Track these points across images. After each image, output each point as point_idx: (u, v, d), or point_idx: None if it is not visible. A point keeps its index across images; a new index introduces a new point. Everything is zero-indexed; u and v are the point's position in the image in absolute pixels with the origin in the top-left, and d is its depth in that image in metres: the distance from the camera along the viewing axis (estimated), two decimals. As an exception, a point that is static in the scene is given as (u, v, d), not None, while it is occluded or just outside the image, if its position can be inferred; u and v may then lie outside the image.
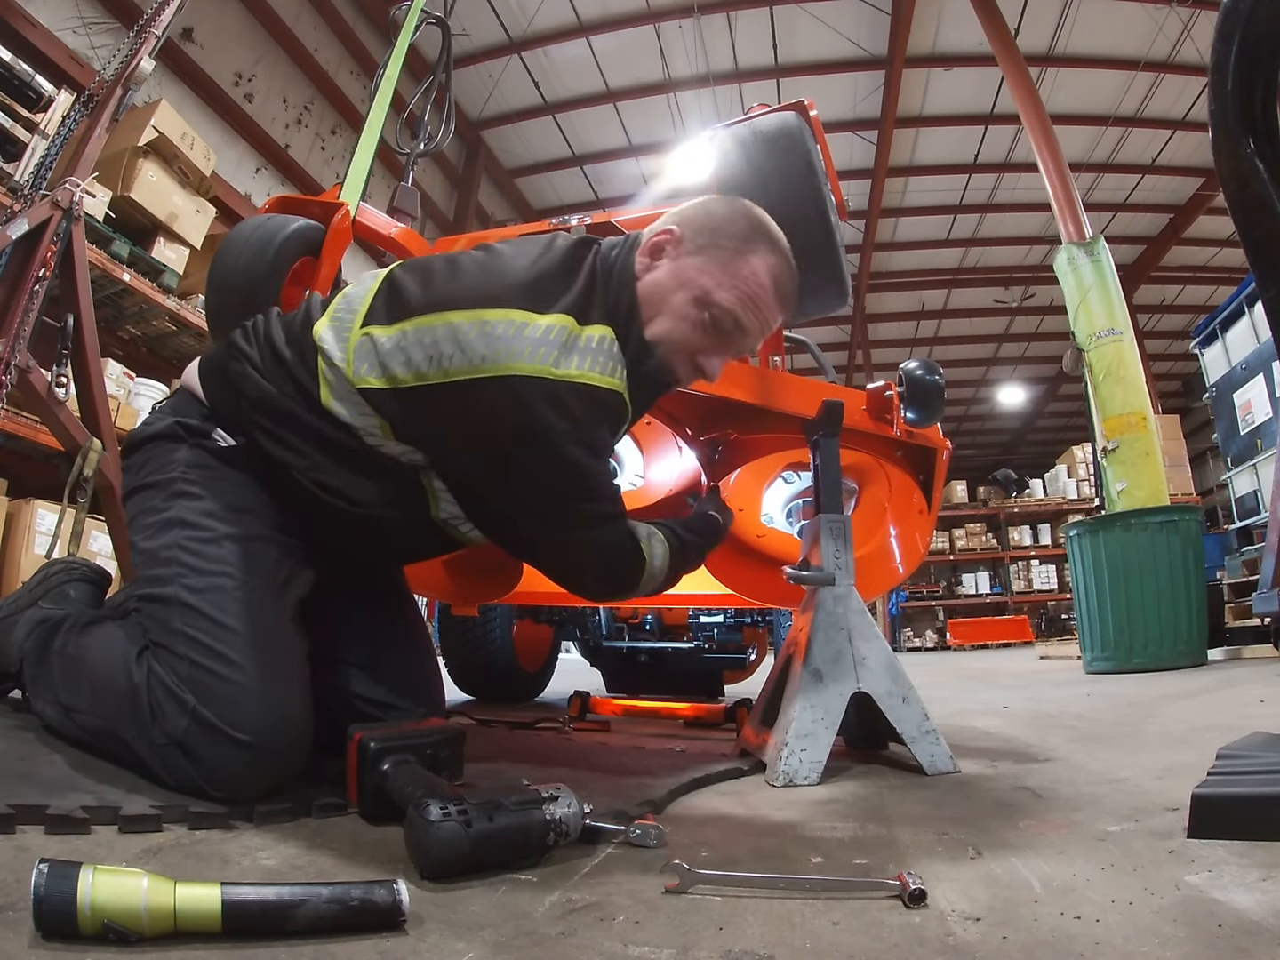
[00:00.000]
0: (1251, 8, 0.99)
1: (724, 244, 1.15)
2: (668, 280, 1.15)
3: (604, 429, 1.13)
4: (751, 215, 1.19)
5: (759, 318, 1.16)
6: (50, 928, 0.60)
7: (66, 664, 1.14)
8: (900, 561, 2.06)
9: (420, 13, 2.42)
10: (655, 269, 1.16)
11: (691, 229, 1.16)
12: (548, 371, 1.03)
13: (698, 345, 1.16)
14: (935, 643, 12.98)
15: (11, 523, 3.12)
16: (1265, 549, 3.54)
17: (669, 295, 1.14)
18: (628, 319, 1.14)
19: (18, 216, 2.78)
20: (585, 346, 1.07)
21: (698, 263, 1.14)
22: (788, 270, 1.19)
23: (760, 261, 1.15)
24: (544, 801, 0.90)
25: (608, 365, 1.08)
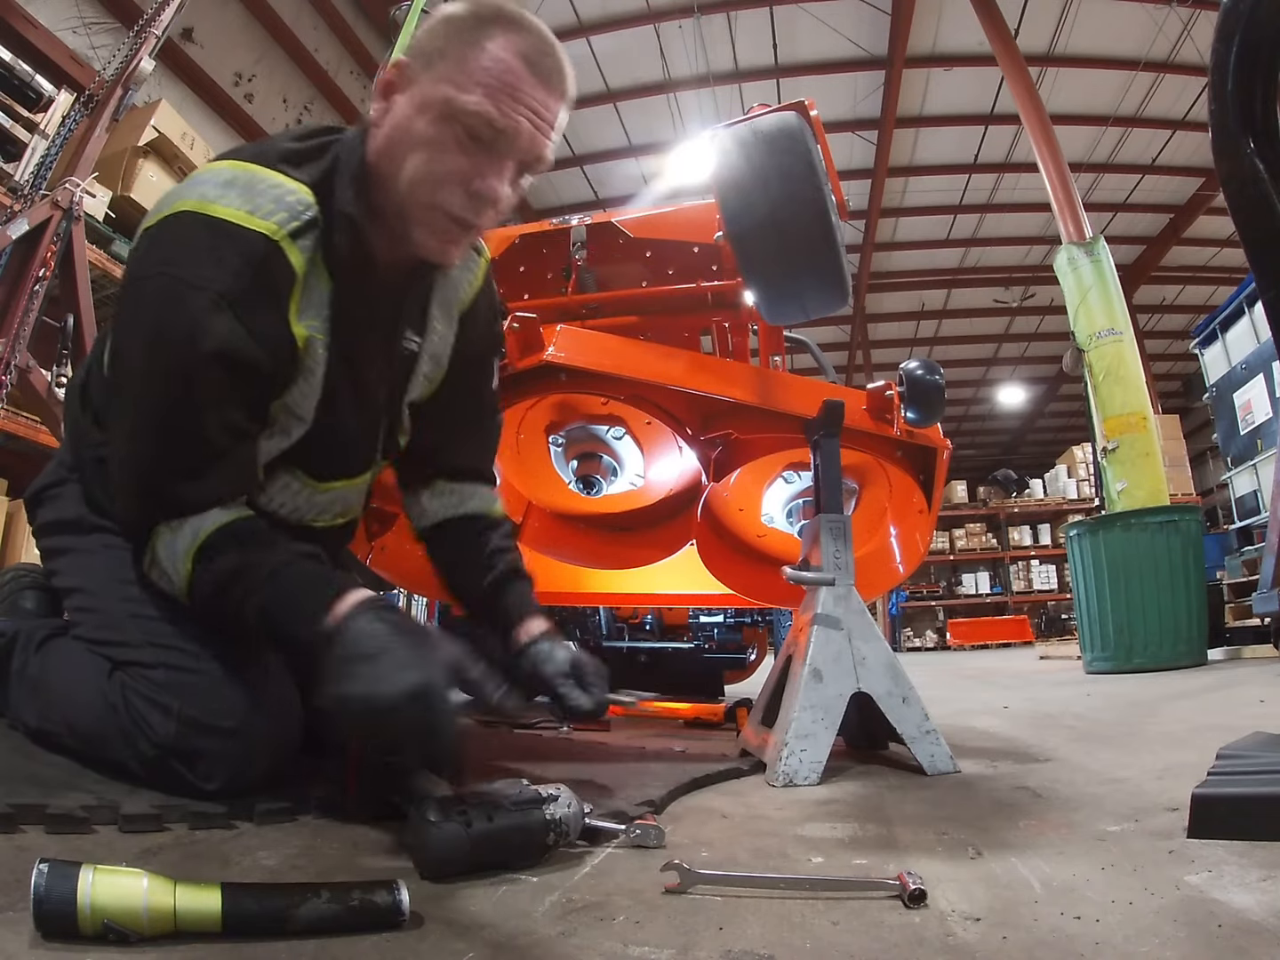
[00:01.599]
0: (1251, 8, 0.99)
1: (451, 46, 0.98)
2: (405, 111, 1.00)
3: (239, 276, 0.95)
4: (478, 6, 1.01)
5: (519, 106, 0.97)
6: (50, 928, 0.60)
7: (31, 687, 1.09)
8: (900, 561, 2.06)
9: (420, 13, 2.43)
10: (391, 108, 1.01)
11: (415, 49, 1.02)
12: (197, 205, 0.95)
13: (463, 169, 0.98)
14: (935, 643, 12.98)
15: (11, 523, 3.12)
16: (1265, 549, 3.55)
17: (410, 127, 0.99)
18: (344, 175, 1.02)
19: (18, 216, 2.78)
20: (252, 186, 0.98)
21: (430, 76, 0.98)
22: (538, 43, 0.99)
23: (500, 44, 0.97)
24: (544, 801, 0.89)
25: (272, 210, 0.97)
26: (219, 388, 0.97)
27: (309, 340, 1.04)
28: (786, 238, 1.65)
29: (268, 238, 0.96)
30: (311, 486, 1.18)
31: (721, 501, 2.05)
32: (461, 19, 0.99)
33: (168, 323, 0.95)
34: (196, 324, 0.94)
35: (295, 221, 0.98)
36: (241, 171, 0.99)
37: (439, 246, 1.04)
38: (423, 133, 0.98)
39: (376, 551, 2.06)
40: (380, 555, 2.08)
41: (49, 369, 2.93)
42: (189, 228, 0.96)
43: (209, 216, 0.95)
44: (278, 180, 0.99)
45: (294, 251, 0.98)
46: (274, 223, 0.97)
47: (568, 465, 1.89)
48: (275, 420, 1.07)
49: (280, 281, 0.99)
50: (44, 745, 1.06)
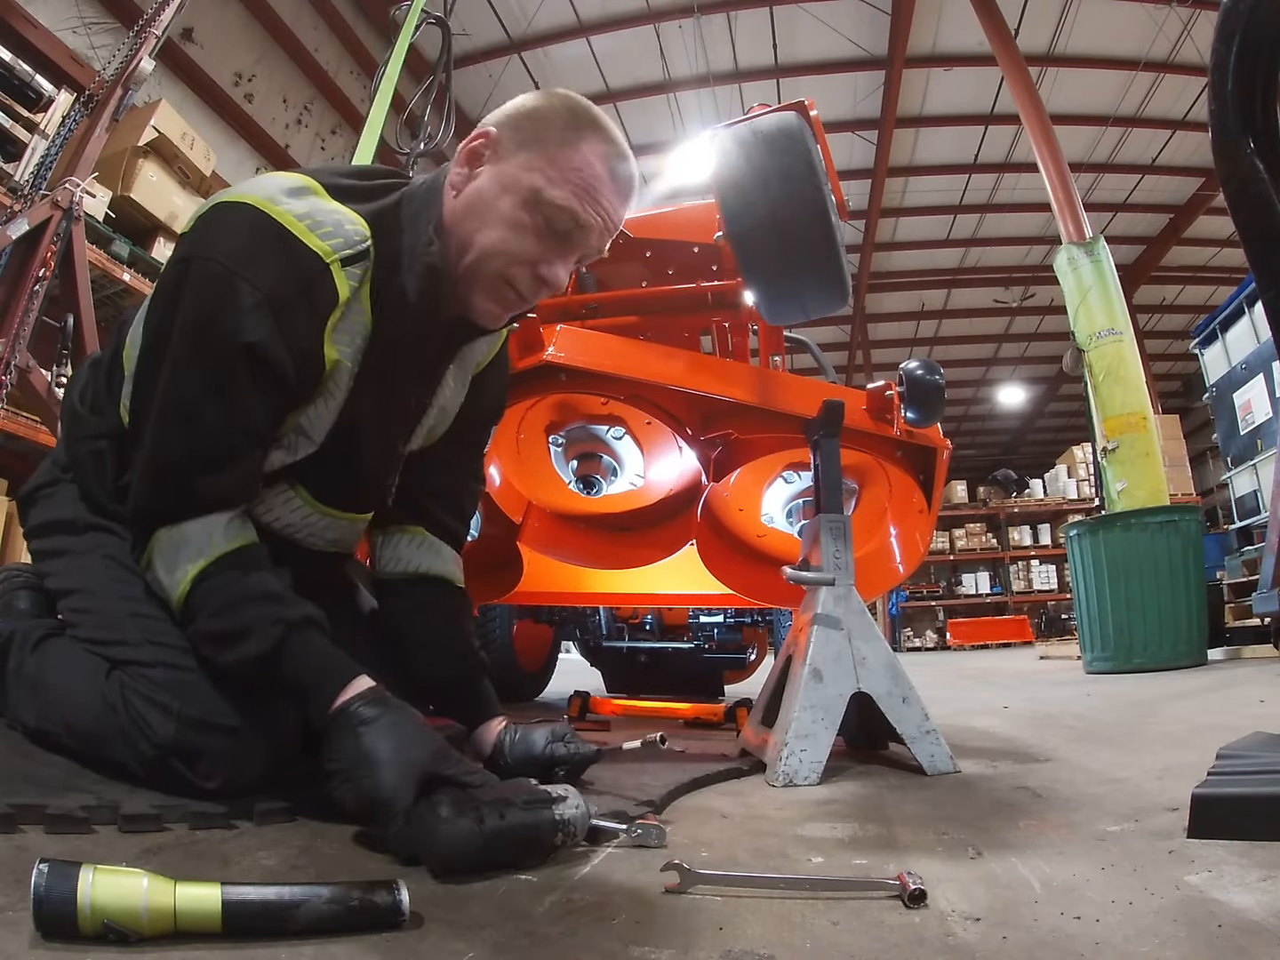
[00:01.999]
0: (1251, 8, 0.99)
1: (548, 136, 1.03)
2: (490, 186, 1.04)
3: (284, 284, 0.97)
4: (572, 102, 1.08)
5: (598, 211, 1.05)
6: (50, 928, 0.60)
7: (28, 688, 1.09)
8: (900, 561, 2.06)
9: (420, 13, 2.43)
10: (476, 178, 1.05)
11: (510, 127, 1.05)
12: (263, 203, 0.97)
13: (536, 253, 1.04)
14: (935, 643, 12.98)
15: (11, 523, 3.12)
16: (1265, 549, 3.55)
17: (494, 202, 1.03)
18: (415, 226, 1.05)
19: (18, 216, 2.78)
20: (317, 205, 1.00)
21: (521, 160, 1.03)
22: (621, 156, 1.07)
23: (591, 149, 1.04)
24: (553, 801, 0.89)
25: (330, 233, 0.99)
26: (247, 385, 0.98)
27: (337, 364, 1.05)
28: (786, 238, 1.65)
29: (321, 258, 0.98)
30: (312, 507, 1.19)
31: (721, 501, 2.05)
32: (560, 117, 1.05)
33: (212, 309, 0.96)
34: (240, 316, 0.95)
35: (349, 249, 1.00)
36: (308, 186, 1.02)
37: (494, 314, 1.10)
38: (507, 212, 1.03)
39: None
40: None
41: (49, 369, 2.93)
42: (250, 222, 0.97)
43: (272, 218, 0.97)
44: (338, 206, 1.02)
45: (341, 278, 1.00)
46: (330, 246, 0.99)
47: (568, 465, 1.89)
48: (285, 435, 1.09)
49: (323, 302, 1.01)
50: (43, 745, 1.06)
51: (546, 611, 2.97)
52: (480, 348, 1.29)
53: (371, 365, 1.09)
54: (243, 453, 1.02)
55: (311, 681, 0.96)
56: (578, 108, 1.07)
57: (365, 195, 1.06)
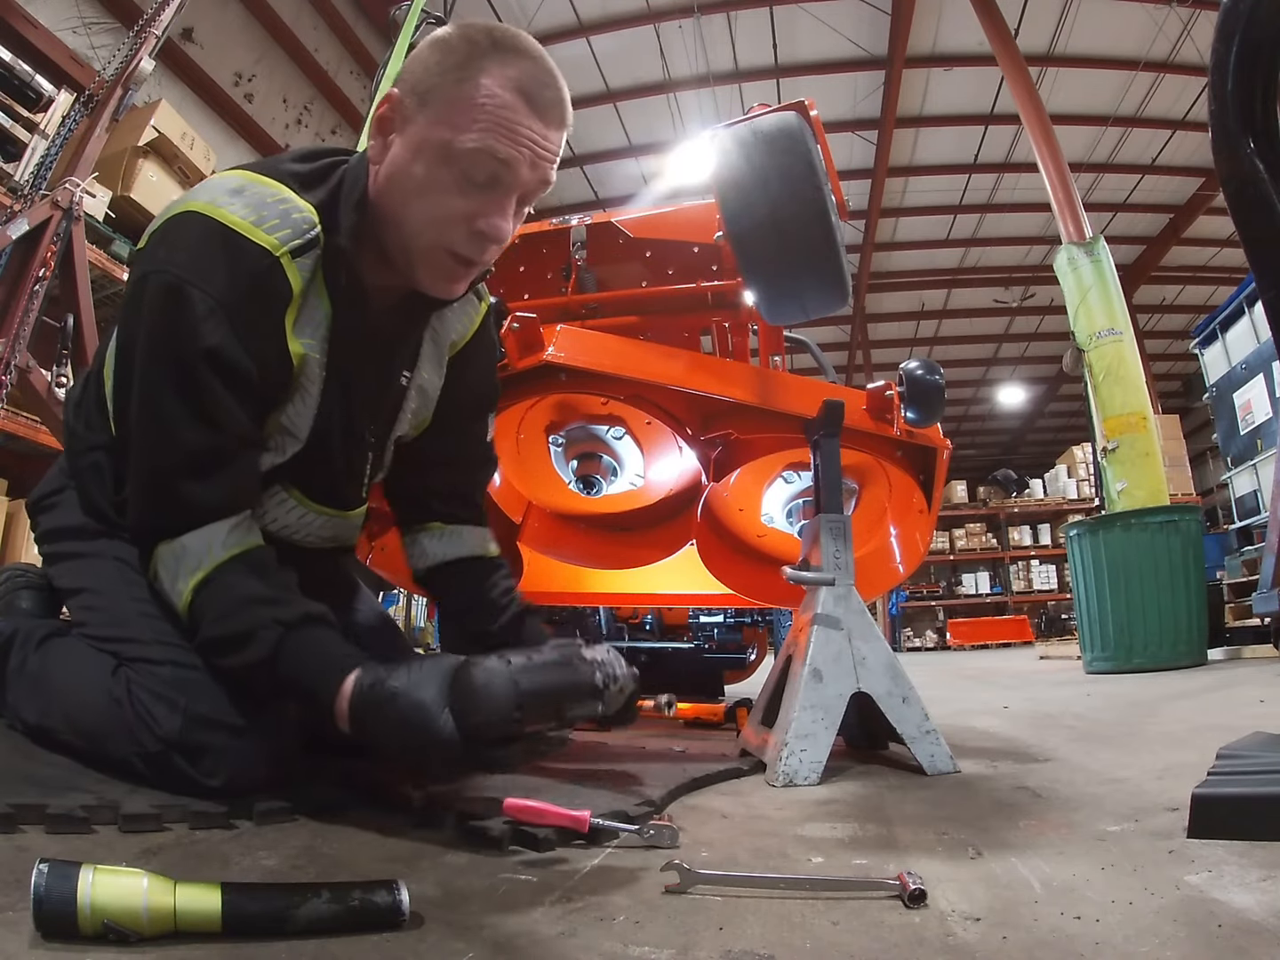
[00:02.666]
0: (1251, 8, 0.99)
1: (444, 80, 0.96)
2: (403, 154, 0.99)
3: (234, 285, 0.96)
4: (469, 31, 0.98)
5: (517, 141, 0.95)
6: (50, 928, 0.60)
7: (30, 684, 1.09)
8: (900, 561, 2.06)
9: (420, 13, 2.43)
10: (390, 146, 1.00)
11: (409, 85, 0.99)
12: (206, 207, 0.97)
13: (466, 210, 0.98)
14: (935, 643, 12.98)
15: (11, 523, 3.12)
16: (1265, 549, 3.55)
17: (409, 169, 0.98)
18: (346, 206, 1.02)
19: (18, 216, 2.78)
20: (262, 199, 0.99)
21: (426, 117, 0.97)
22: (534, 71, 0.97)
23: (493, 78, 0.95)
24: (580, 645, 0.89)
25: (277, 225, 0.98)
26: (215, 389, 0.98)
27: (305, 358, 1.05)
28: (786, 238, 1.65)
29: (269, 252, 0.97)
30: (306, 506, 1.20)
31: (721, 501, 2.05)
32: (454, 49, 0.97)
33: (169, 321, 0.96)
34: (196, 324, 0.95)
35: (298, 239, 0.99)
36: (251, 181, 1.01)
37: (444, 285, 1.06)
38: (422, 177, 0.97)
39: (376, 552, 2.06)
40: (380, 555, 2.08)
41: (49, 369, 2.93)
42: (194, 229, 0.97)
43: (215, 221, 0.96)
44: (286, 195, 1.00)
45: (292, 269, 1.00)
46: (277, 238, 0.98)
47: (568, 465, 1.89)
48: (271, 436, 1.09)
49: (276, 297, 1.00)
50: (43, 743, 1.06)
51: (546, 611, 2.97)
52: (453, 324, 1.25)
53: (337, 353, 1.09)
54: (228, 458, 1.01)
55: (312, 682, 0.96)
56: (473, 34, 0.97)
57: (313, 179, 1.05)
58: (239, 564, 1.00)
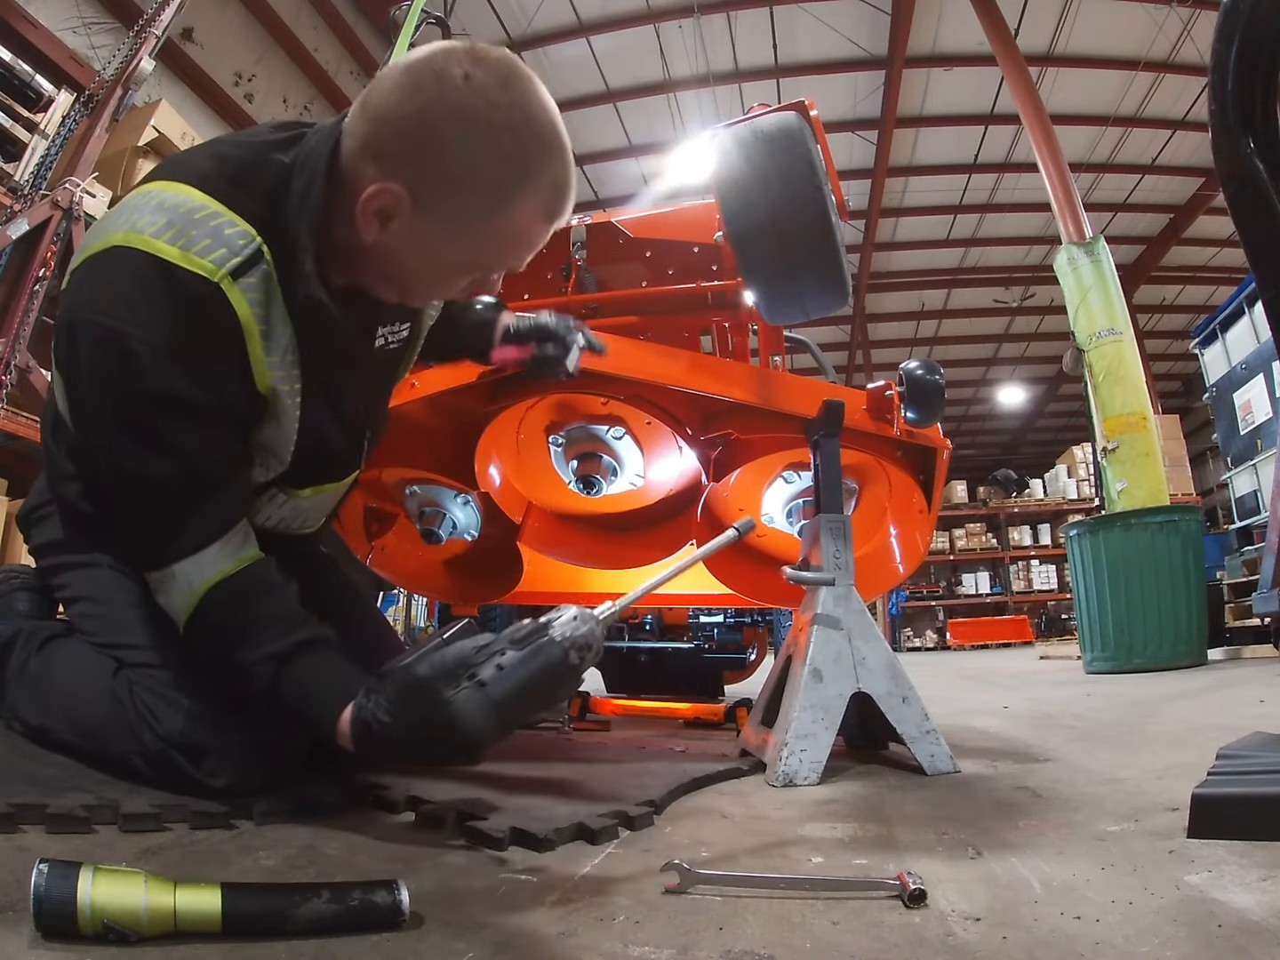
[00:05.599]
0: (1251, 8, 0.99)
1: (473, 203, 0.89)
2: (410, 254, 0.94)
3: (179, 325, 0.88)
4: (501, 144, 0.86)
5: (532, 250, 0.97)
6: (50, 928, 0.60)
7: (31, 684, 1.09)
8: (900, 561, 2.06)
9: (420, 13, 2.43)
10: (387, 233, 0.92)
11: (424, 185, 0.88)
12: (127, 238, 0.88)
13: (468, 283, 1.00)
14: (935, 643, 12.98)
15: (11, 523, 3.12)
16: (1265, 549, 3.55)
17: (418, 270, 0.97)
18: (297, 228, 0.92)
19: (18, 216, 2.78)
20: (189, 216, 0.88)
21: (443, 232, 0.91)
22: (563, 184, 0.93)
23: (525, 207, 0.90)
24: (545, 628, 0.85)
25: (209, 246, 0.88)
26: (182, 430, 0.91)
27: (274, 391, 0.98)
28: (786, 238, 1.65)
29: (206, 279, 0.88)
30: (294, 496, 1.17)
31: (721, 501, 2.05)
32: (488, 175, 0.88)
33: (112, 373, 0.88)
34: (144, 373, 0.87)
35: (236, 258, 0.90)
36: (174, 195, 0.91)
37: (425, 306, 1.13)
38: (428, 272, 0.97)
39: (376, 552, 2.06)
40: (380, 555, 2.08)
41: (49, 369, 2.93)
42: (119, 266, 0.88)
43: (140, 253, 0.87)
44: (215, 209, 0.90)
45: (235, 293, 0.90)
46: (211, 261, 0.88)
47: (568, 465, 1.89)
48: (254, 453, 1.05)
49: (223, 327, 0.91)
50: (43, 743, 1.06)
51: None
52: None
53: (315, 370, 1.02)
54: (209, 486, 0.96)
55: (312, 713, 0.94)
56: (508, 152, 0.87)
57: (253, 178, 0.94)
58: (230, 587, 0.96)
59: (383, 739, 0.86)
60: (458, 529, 2.00)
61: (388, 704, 0.86)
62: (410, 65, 0.88)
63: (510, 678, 0.83)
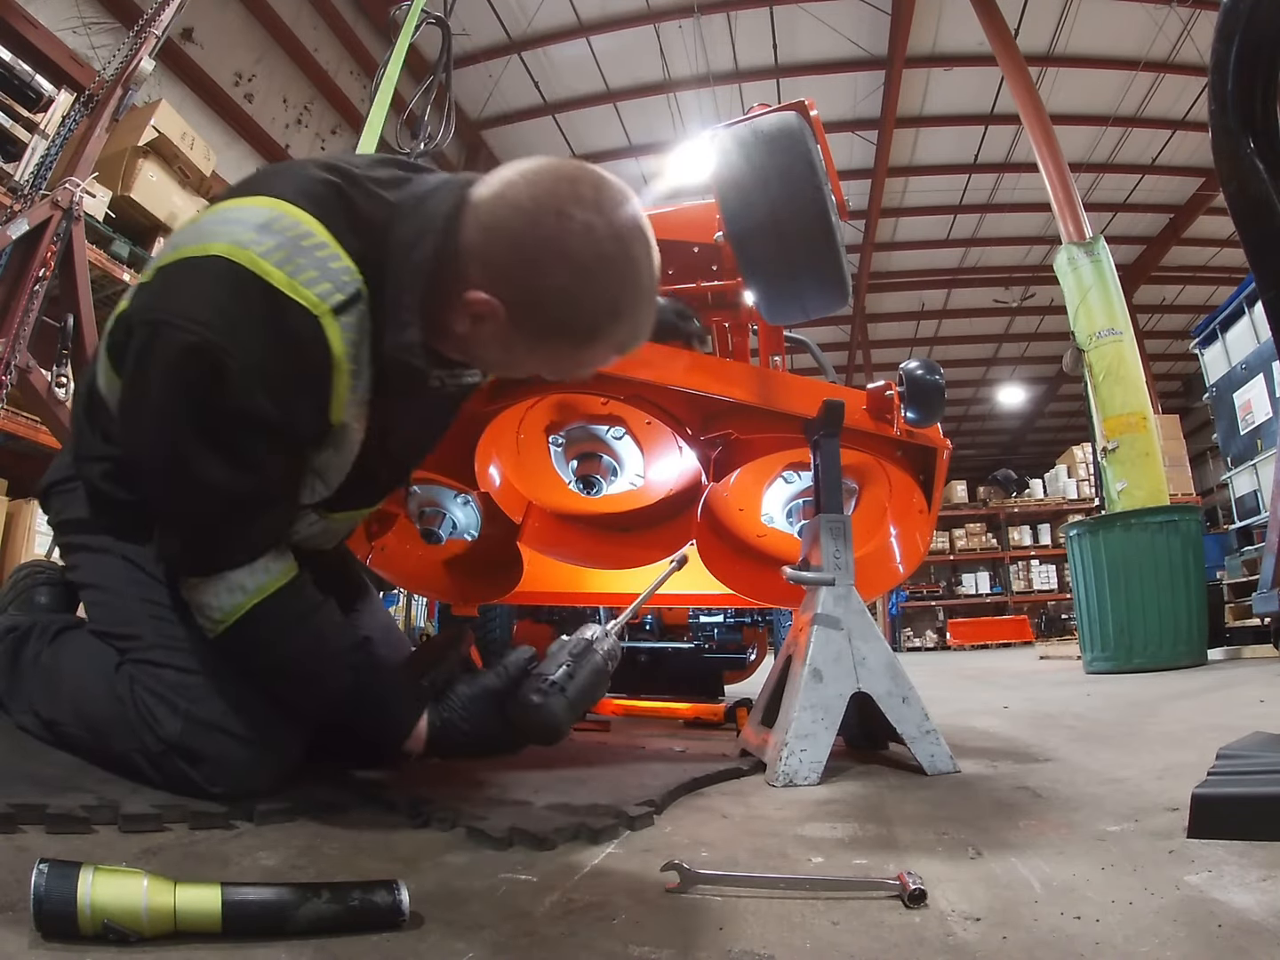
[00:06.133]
0: (1251, 8, 0.99)
1: (563, 336, 0.94)
2: (491, 351, 0.98)
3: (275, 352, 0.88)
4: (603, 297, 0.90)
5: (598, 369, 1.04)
6: (50, 928, 0.60)
7: (41, 675, 1.10)
8: (900, 561, 2.06)
9: (420, 13, 2.43)
10: (476, 330, 0.95)
11: (522, 310, 0.91)
12: (233, 251, 0.86)
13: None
14: (935, 643, 12.98)
15: (11, 523, 3.12)
16: (1265, 549, 3.55)
17: (494, 362, 1.03)
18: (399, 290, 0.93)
19: (18, 216, 2.78)
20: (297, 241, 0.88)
21: (527, 346, 0.96)
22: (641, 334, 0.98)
23: (608, 345, 0.96)
24: (591, 644, 1.10)
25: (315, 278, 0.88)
26: (249, 444, 0.92)
27: (344, 425, 1.00)
28: (786, 238, 1.65)
29: (309, 311, 0.88)
30: (327, 519, 1.18)
31: (721, 501, 2.05)
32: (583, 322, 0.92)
33: (197, 383, 0.88)
34: (228, 390, 0.88)
35: (339, 295, 0.90)
36: (282, 216, 0.90)
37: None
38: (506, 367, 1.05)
39: (376, 552, 2.06)
40: (380, 555, 2.08)
41: (49, 369, 2.93)
42: (220, 278, 0.87)
43: (246, 271, 0.86)
44: (323, 239, 0.90)
45: (334, 330, 0.91)
46: (316, 294, 0.88)
47: (568, 465, 1.89)
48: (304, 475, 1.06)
49: (316, 360, 0.91)
50: (52, 734, 1.07)
51: (546, 611, 2.96)
52: None
53: (382, 413, 1.03)
54: (265, 502, 0.99)
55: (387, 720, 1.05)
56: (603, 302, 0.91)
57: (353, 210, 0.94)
58: (284, 597, 1.00)
59: (458, 739, 1.05)
60: (458, 529, 2.00)
61: (463, 711, 1.06)
62: (537, 192, 0.89)
63: (578, 684, 1.06)
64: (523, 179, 0.91)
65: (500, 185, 0.92)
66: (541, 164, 0.93)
